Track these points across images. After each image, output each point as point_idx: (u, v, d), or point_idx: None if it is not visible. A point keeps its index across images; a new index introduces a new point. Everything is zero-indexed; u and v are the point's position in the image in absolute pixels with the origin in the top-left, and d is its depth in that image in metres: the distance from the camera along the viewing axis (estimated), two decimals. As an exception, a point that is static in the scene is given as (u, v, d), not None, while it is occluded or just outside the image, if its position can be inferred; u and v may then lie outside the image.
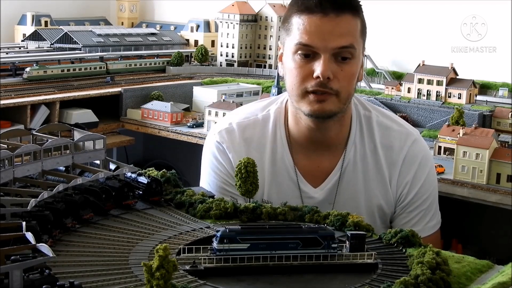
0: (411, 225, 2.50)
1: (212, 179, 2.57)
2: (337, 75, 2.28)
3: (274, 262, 1.65)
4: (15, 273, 1.34)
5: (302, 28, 2.29)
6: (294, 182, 2.51)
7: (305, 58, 2.30)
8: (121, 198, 1.97)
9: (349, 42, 2.28)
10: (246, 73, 5.76)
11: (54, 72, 5.08)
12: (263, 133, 2.55)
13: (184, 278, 1.55)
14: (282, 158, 2.52)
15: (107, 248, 1.71)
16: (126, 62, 5.59)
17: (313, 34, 2.27)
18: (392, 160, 2.51)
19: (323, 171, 2.51)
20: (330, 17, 2.26)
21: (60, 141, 2.04)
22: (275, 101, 2.64)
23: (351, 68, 2.32)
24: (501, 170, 3.46)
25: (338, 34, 2.26)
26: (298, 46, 2.30)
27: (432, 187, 2.59)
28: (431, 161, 2.62)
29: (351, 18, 2.30)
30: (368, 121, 2.54)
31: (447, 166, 3.71)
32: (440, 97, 4.39)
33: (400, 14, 5.33)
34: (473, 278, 1.67)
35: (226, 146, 2.55)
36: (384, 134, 2.53)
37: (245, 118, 2.59)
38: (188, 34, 6.35)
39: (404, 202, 2.53)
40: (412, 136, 2.55)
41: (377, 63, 5.20)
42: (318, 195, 2.50)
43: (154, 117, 4.86)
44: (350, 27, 2.29)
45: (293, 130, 2.52)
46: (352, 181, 2.50)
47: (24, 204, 1.72)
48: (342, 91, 2.31)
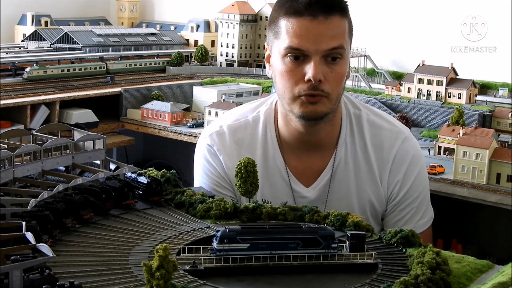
0: (403, 223, 2.53)
1: (204, 181, 2.59)
2: (328, 76, 2.29)
3: (274, 262, 1.65)
4: (15, 273, 1.34)
5: (291, 32, 2.29)
6: (286, 182, 2.52)
7: (295, 60, 2.30)
8: (121, 198, 1.97)
9: (339, 43, 2.29)
10: (246, 73, 5.76)
11: (54, 72, 5.08)
12: (253, 134, 2.56)
13: (184, 278, 1.55)
14: (274, 158, 2.53)
15: (107, 248, 1.71)
16: (126, 62, 5.59)
17: (303, 38, 2.27)
18: (382, 159, 2.52)
19: (315, 171, 2.52)
20: (320, 19, 2.26)
21: (60, 141, 2.04)
22: (264, 102, 2.65)
23: (341, 68, 2.34)
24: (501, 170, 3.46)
25: (328, 36, 2.27)
26: (288, 49, 2.30)
27: (423, 185, 2.60)
28: (422, 159, 2.63)
29: (339, 19, 2.31)
30: (358, 120, 2.55)
31: (447, 166, 3.71)
32: (440, 97, 4.39)
33: (400, 14, 5.33)
34: (473, 278, 1.67)
35: (217, 148, 2.56)
36: (375, 133, 2.54)
37: (236, 120, 2.61)
38: (188, 34, 6.35)
39: (395, 200, 2.54)
40: (403, 135, 2.56)
41: (377, 63, 5.21)
42: (310, 194, 2.51)
43: (154, 117, 4.86)
44: (339, 29, 2.31)
45: (283, 131, 2.53)
46: (344, 180, 2.51)
47: (24, 204, 1.72)
48: (332, 92, 2.33)
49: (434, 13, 5.15)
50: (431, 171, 3.69)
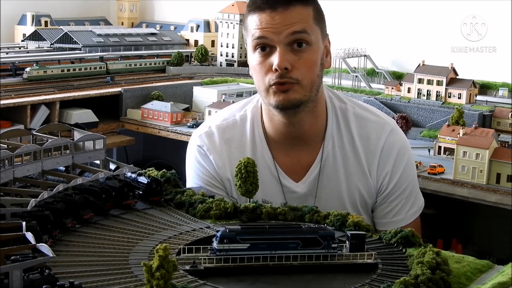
0: (393, 214, 2.56)
1: (196, 181, 2.61)
2: (295, 64, 2.33)
3: (274, 262, 1.65)
4: (15, 273, 1.33)
5: (255, 25, 2.36)
6: (275, 178, 2.53)
7: (262, 52, 2.36)
8: (121, 198, 1.97)
9: (300, 27, 2.33)
10: (246, 73, 5.75)
11: (54, 72, 5.08)
12: (242, 133, 2.59)
13: (184, 278, 1.55)
14: (262, 155, 2.55)
15: (107, 248, 1.71)
16: (126, 62, 5.59)
17: (265, 28, 2.34)
18: (370, 151, 2.53)
19: (303, 165, 2.54)
20: (279, 11, 2.33)
21: (60, 141, 2.04)
22: (251, 100, 2.70)
23: (309, 55, 2.36)
24: (501, 170, 3.47)
25: (288, 23, 2.32)
26: (254, 41, 2.37)
27: (411, 175, 2.62)
28: (409, 150, 2.64)
29: (301, 8, 2.35)
30: (344, 113, 2.57)
31: (447, 166, 3.71)
32: (440, 97, 4.40)
33: (400, 13, 5.33)
34: (473, 278, 1.67)
35: (206, 148, 2.59)
36: (361, 125, 2.56)
37: (224, 120, 2.64)
38: (188, 34, 6.35)
39: (385, 192, 2.56)
40: (389, 126, 2.58)
41: (377, 63, 5.21)
42: (300, 189, 2.52)
43: (154, 117, 4.86)
44: (300, 16, 2.35)
45: (268, 127, 2.56)
46: (333, 173, 2.53)
47: (24, 204, 1.72)
48: (303, 78, 2.35)
49: (434, 13, 5.15)
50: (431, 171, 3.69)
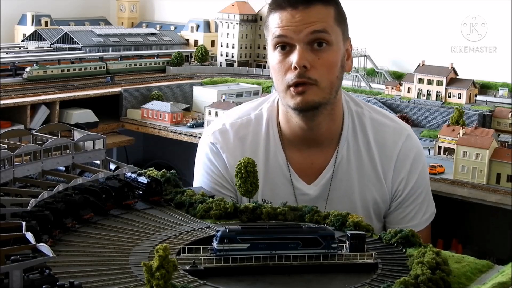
0: (408, 219, 2.55)
1: (204, 180, 2.58)
2: (315, 64, 2.31)
3: (274, 262, 1.65)
4: (15, 273, 1.34)
5: (276, 24, 2.36)
6: (287, 179, 2.52)
7: (282, 51, 2.35)
8: (121, 198, 1.97)
9: (321, 27, 2.32)
10: (246, 73, 5.76)
11: (54, 72, 5.08)
12: (256, 132, 2.57)
13: (184, 278, 1.55)
14: (275, 155, 2.53)
15: (107, 248, 1.71)
16: (126, 62, 5.59)
17: (285, 26, 2.33)
18: (386, 156, 2.53)
19: (317, 168, 2.53)
20: (299, 9, 2.32)
21: (60, 141, 2.04)
22: (267, 99, 2.67)
23: (329, 55, 2.34)
24: (501, 170, 3.46)
25: (308, 22, 2.31)
26: (274, 40, 2.36)
27: (426, 180, 2.64)
28: (423, 156, 2.66)
29: (321, 7, 2.34)
30: (360, 117, 2.56)
31: (447, 166, 3.71)
32: (440, 97, 4.39)
33: (400, 13, 5.33)
34: (473, 278, 1.67)
35: (220, 146, 2.56)
36: (378, 130, 2.55)
37: (238, 118, 2.62)
38: (188, 34, 6.35)
39: (400, 197, 2.56)
40: (406, 132, 2.58)
41: (377, 63, 5.20)
42: (312, 191, 2.51)
43: (154, 117, 4.85)
44: (320, 15, 2.34)
45: (285, 128, 2.54)
46: (346, 177, 2.51)
47: (24, 204, 1.72)
48: (321, 80, 2.33)
49: (434, 13, 5.15)
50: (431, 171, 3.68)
